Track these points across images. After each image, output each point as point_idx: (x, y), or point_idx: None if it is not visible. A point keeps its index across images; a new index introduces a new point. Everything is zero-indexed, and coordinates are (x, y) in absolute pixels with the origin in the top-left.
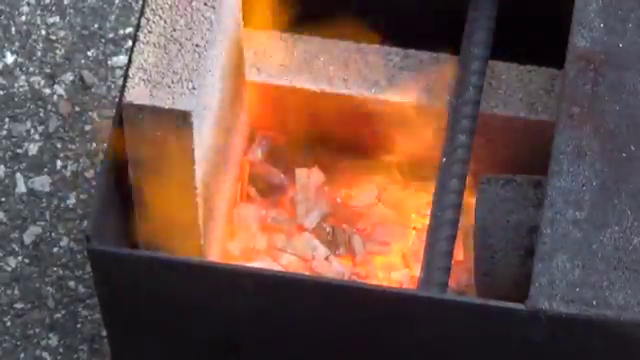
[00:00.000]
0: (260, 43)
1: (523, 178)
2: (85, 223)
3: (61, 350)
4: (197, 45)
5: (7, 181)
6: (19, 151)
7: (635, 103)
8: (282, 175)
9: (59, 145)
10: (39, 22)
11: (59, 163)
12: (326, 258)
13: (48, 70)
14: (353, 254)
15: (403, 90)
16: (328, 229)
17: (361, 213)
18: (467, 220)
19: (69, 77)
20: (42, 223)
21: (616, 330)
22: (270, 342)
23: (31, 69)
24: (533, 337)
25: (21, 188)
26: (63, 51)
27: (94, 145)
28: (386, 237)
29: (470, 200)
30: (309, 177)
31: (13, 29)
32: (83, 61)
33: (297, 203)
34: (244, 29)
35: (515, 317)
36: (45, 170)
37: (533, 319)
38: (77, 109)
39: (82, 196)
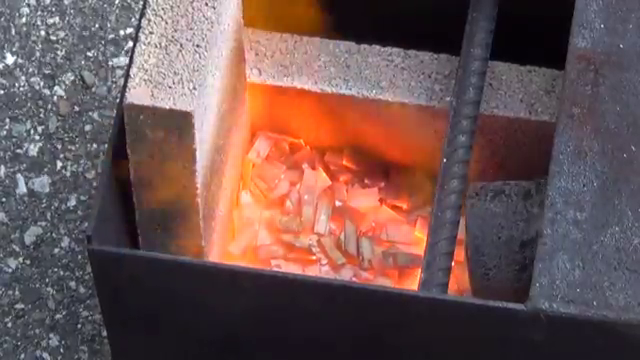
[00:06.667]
0: (261, 44)
1: (512, 187)
2: (85, 224)
3: (62, 350)
4: (198, 45)
5: (8, 182)
6: (19, 151)
7: (635, 103)
8: (282, 176)
9: (59, 146)
10: (39, 23)
11: (59, 164)
12: (334, 260)
13: (48, 71)
14: (361, 256)
15: (404, 91)
16: (332, 229)
17: (364, 215)
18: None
19: (69, 77)
20: (43, 224)
21: (616, 331)
22: (270, 342)
23: (31, 70)
24: (533, 337)
25: (22, 189)
26: (63, 52)
27: (94, 146)
28: (392, 238)
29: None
30: (315, 179)
31: (13, 30)
32: (83, 62)
33: (303, 205)
34: (245, 29)
35: (515, 318)
36: (45, 170)
37: (533, 319)
38: (77, 109)
39: (82, 197)
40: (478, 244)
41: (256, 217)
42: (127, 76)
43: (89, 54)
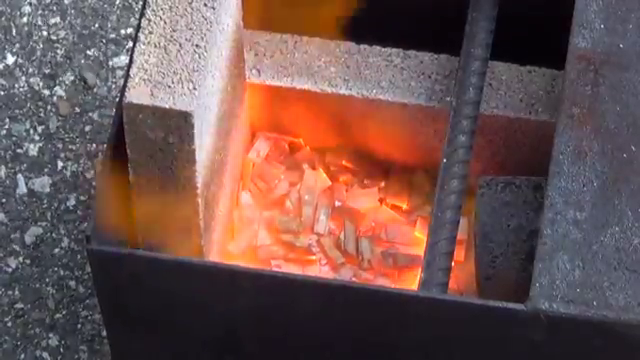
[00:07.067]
0: (260, 44)
1: (522, 180)
2: (85, 224)
3: (61, 350)
4: (197, 46)
5: (8, 182)
6: (19, 152)
7: (635, 103)
8: (282, 176)
9: (59, 146)
10: (40, 23)
11: (59, 164)
12: (334, 260)
13: (48, 71)
14: (361, 256)
15: (404, 91)
16: (332, 229)
17: (364, 215)
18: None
19: (69, 77)
20: (43, 224)
21: (616, 331)
22: (270, 342)
23: (31, 70)
24: (533, 337)
25: (22, 189)
26: (64, 51)
27: (94, 146)
28: (391, 238)
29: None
30: (315, 179)
31: (14, 30)
32: (83, 61)
33: (303, 205)
34: (244, 30)
35: (515, 317)
36: (45, 171)
37: (533, 319)
38: (77, 109)
39: (82, 197)
40: (487, 231)
41: (256, 217)
42: (127, 76)
43: (89, 54)
